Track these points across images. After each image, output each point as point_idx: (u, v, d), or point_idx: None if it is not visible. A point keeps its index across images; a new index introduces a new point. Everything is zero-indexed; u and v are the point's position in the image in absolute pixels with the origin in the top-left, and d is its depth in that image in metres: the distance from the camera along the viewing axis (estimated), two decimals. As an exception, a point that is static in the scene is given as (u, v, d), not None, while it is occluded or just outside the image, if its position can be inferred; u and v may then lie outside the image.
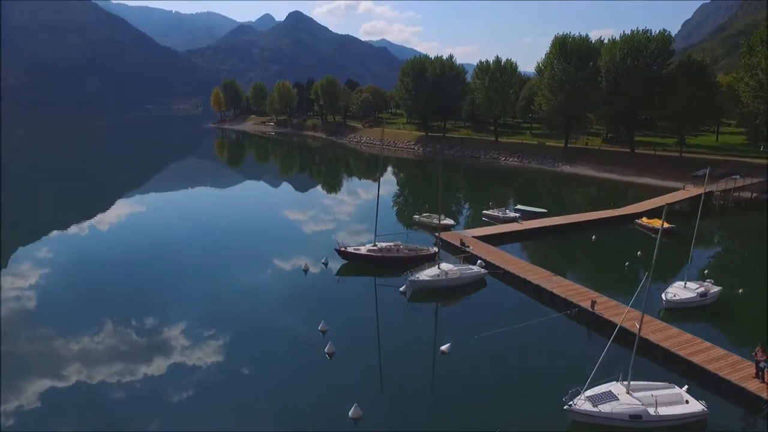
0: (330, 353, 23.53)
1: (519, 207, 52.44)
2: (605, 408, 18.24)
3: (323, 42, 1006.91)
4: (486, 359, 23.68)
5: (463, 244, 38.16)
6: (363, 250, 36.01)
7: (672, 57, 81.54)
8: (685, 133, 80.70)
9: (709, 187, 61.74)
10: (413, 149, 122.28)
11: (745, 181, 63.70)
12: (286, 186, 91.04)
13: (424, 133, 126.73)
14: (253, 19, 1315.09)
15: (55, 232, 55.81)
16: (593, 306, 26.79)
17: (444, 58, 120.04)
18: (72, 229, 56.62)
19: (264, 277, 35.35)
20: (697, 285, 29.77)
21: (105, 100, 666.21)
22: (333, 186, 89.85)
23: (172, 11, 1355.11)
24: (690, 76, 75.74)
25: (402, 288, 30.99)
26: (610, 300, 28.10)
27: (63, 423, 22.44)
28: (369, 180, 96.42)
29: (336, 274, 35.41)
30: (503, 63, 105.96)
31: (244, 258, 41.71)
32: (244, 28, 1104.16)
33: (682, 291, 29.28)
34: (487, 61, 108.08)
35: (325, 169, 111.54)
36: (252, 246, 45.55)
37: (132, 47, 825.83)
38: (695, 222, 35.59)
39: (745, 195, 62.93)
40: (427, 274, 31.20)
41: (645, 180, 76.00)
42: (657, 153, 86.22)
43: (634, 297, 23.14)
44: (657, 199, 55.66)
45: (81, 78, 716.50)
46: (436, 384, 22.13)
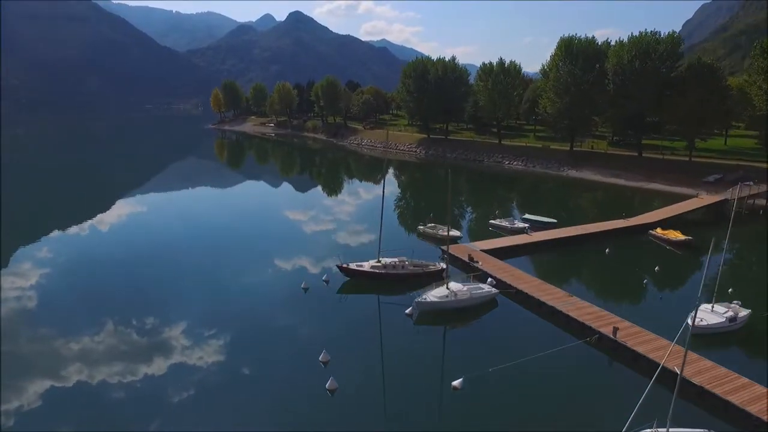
0: (332, 390, 21.55)
1: (527, 216, 50.43)
2: None
3: (324, 42, 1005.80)
4: (502, 397, 21.69)
5: (472, 259, 36.18)
6: (366, 266, 34.01)
7: (681, 59, 79.50)
8: (695, 137, 78.70)
9: (724, 195, 60.01)
10: (415, 152, 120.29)
11: (760, 188, 61.60)
12: (285, 189, 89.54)
13: (425, 136, 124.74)
14: (254, 19, 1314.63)
15: (56, 232, 55.99)
16: (615, 333, 24.81)
17: (446, 59, 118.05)
18: (72, 229, 56.91)
19: (263, 292, 33.37)
20: (725, 308, 27.67)
21: (105, 100, 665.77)
22: (334, 189, 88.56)
23: (172, 11, 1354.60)
24: (700, 78, 73.79)
25: (408, 310, 29.00)
26: (632, 325, 26.08)
27: (63, 423, 22.52)
28: (370, 182, 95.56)
29: (338, 292, 33.41)
30: (507, 65, 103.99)
31: (244, 259, 41.89)
32: (244, 28, 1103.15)
33: (709, 315, 27.21)
34: (491, 63, 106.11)
35: (326, 172, 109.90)
36: (252, 248, 45.38)
37: (132, 47, 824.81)
38: (711, 233, 33.60)
39: (760, 203, 60.77)
40: (435, 295, 29.21)
41: (654, 186, 74.00)
42: (665, 157, 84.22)
43: (657, 321, 21.32)
44: (670, 208, 53.64)
45: (81, 78, 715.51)
46: (447, 425, 20.15)
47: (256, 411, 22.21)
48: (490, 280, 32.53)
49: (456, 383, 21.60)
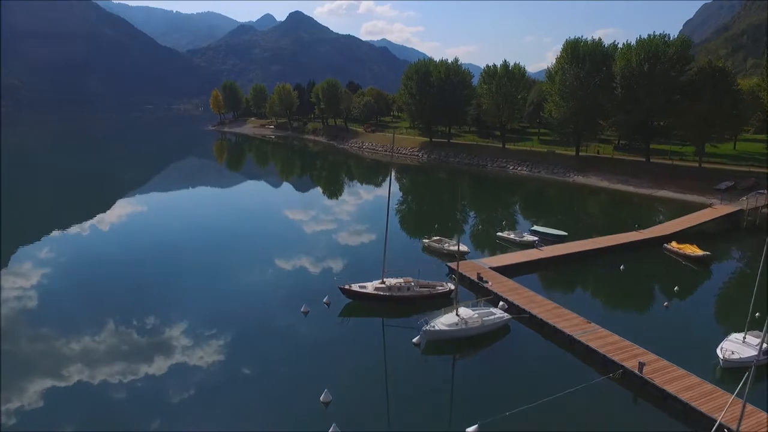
0: (333, 439, 19.68)
1: (536, 229, 48.41)
2: None
3: (324, 42, 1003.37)
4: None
5: (481, 278, 34.25)
6: (369, 288, 32.06)
7: (691, 62, 77.48)
8: (706, 142, 76.75)
9: (738, 205, 58.02)
10: (417, 156, 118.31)
11: (774, 197, 59.63)
12: (285, 193, 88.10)
13: (428, 139, 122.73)
14: (254, 19, 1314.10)
15: (56, 231, 56.44)
16: (641, 369, 22.86)
17: (449, 61, 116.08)
18: (73, 229, 57.39)
19: (261, 318, 31.36)
20: (757, 338, 25.60)
21: (106, 100, 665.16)
22: (335, 192, 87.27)
23: (173, 11, 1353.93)
24: (712, 82, 71.81)
25: (415, 339, 27.06)
26: (657, 359, 24.10)
27: (64, 423, 22.50)
28: (372, 185, 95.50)
29: (340, 315, 31.51)
30: (511, 67, 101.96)
31: (243, 266, 42.09)
32: (244, 28, 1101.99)
33: (741, 347, 25.13)
34: (494, 65, 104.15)
35: (327, 174, 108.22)
36: (251, 256, 45.02)
37: (133, 47, 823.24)
38: (727, 245, 31.72)
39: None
40: (444, 322, 27.26)
41: (664, 193, 72.03)
42: (674, 163, 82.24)
43: (683, 351, 19.35)
44: (684, 219, 51.63)
45: (81, 78, 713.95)
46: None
47: (256, 411, 22.80)
48: (501, 303, 30.60)
49: (471, 430, 19.67)
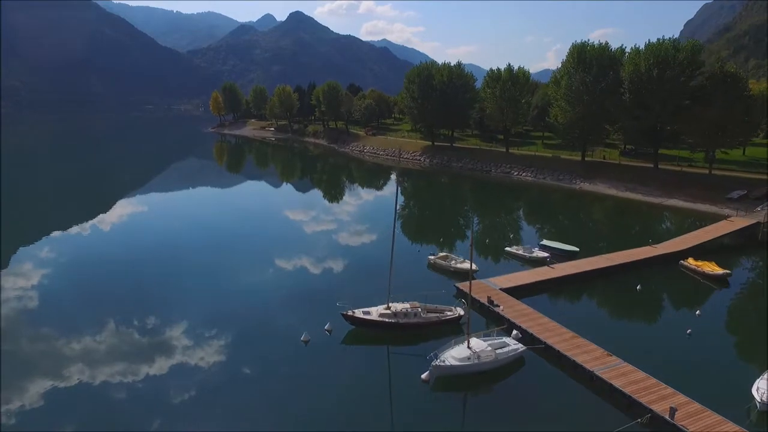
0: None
1: (546, 243, 46.52)
2: None
3: (324, 42, 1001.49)
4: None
5: (492, 302, 32.40)
6: (374, 314, 30.19)
7: (702, 67, 75.53)
8: (717, 148, 74.88)
9: (754, 216, 56.13)
10: (419, 160, 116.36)
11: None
12: (285, 199, 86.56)
13: (430, 143, 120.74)
14: (254, 19, 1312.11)
15: (57, 232, 56.64)
16: (673, 414, 20.97)
17: (452, 64, 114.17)
18: (73, 229, 57.77)
19: (259, 348, 29.50)
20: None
21: (106, 100, 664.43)
22: (337, 197, 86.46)
23: (173, 11, 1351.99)
24: (723, 88, 69.90)
25: (424, 375, 25.16)
26: (689, 401, 22.17)
27: (65, 423, 22.57)
28: (374, 190, 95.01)
29: (342, 342, 29.67)
30: (515, 71, 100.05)
31: (243, 270, 42.82)
32: (245, 28, 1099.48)
33: (778, 387, 23.28)
34: (498, 69, 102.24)
35: (328, 178, 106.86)
36: (252, 262, 45.37)
37: (133, 47, 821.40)
38: (748, 264, 29.91)
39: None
40: (455, 356, 25.37)
41: (674, 202, 70.10)
42: (683, 169, 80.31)
43: (713, 389, 17.36)
44: (700, 233, 49.70)
45: (82, 78, 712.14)
46: None
47: (256, 411, 23.22)
48: (515, 332, 28.72)
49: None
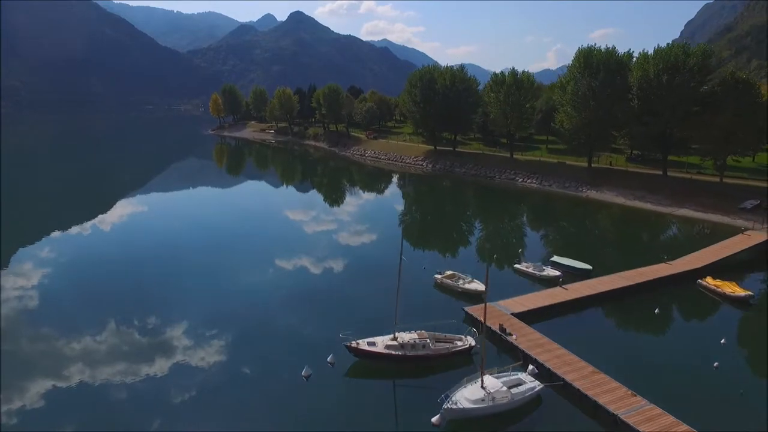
0: None
1: (557, 260, 44.67)
2: None
3: (325, 42, 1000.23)
4: None
5: (504, 330, 30.59)
6: (380, 345, 28.36)
7: (712, 73, 73.69)
8: (728, 155, 73.08)
9: (770, 230, 54.25)
10: (421, 165, 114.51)
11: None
12: (285, 206, 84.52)
13: (432, 147, 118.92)
14: (255, 19, 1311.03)
15: (57, 232, 57.06)
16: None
17: (454, 68, 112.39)
18: (73, 230, 58.16)
19: (257, 385, 27.71)
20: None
21: (106, 100, 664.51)
22: (338, 203, 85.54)
23: (173, 11, 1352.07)
24: (735, 94, 68.09)
25: (435, 419, 23.29)
26: (725, 452, 20.45)
27: (65, 423, 22.59)
28: (378, 199, 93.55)
29: (346, 375, 27.88)
30: (520, 75, 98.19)
31: (245, 263, 44.83)
32: (245, 28, 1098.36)
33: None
34: (502, 73, 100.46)
35: (329, 181, 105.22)
36: (254, 259, 46.50)
37: (133, 47, 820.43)
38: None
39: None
40: (468, 397, 23.52)
41: (685, 212, 68.24)
42: (692, 177, 78.50)
43: None
44: (716, 249, 47.79)
45: (82, 78, 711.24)
46: None
47: (256, 412, 23.76)
48: (531, 368, 26.89)
49: None
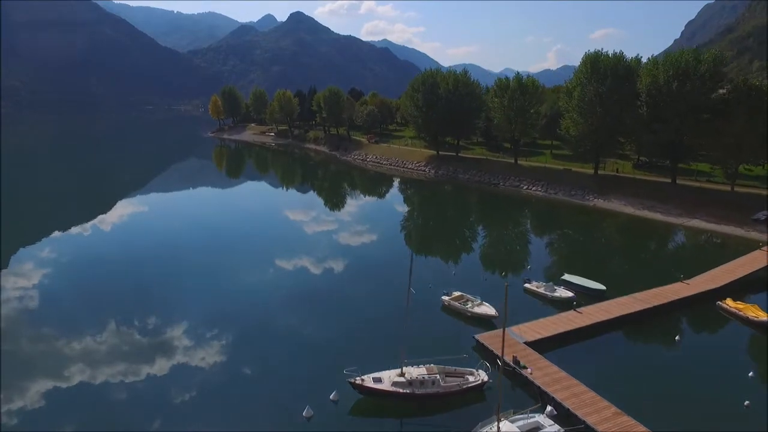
0: None
1: (568, 279, 42.78)
2: None
3: (325, 43, 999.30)
4: None
5: (518, 362, 28.73)
6: (386, 382, 26.49)
7: (724, 80, 71.88)
8: (741, 164, 71.30)
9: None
10: (424, 171, 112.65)
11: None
12: (289, 201, 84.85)
13: (435, 153, 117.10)
14: (255, 20, 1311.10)
15: (57, 232, 57.30)
16: None
17: (457, 72, 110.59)
18: (74, 230, 58.56)
19: (258, 425, 25.86)
20: None
21: (106, 100, 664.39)
22: (338, 204, 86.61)
23: (173, 11, 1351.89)
24: (748, 102, 66.25)
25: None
26: None
27: (65, 423, 22.59)
28: (375, 197, 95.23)
29: (349, 414, 26.03)
30: (524, 80, 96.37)
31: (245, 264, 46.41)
32: (245, 28, 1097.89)
33: None
34: (507, 78, 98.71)
35: (330, 186, 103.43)
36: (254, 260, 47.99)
37: (133, 47, 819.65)
38: None
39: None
40: (485, 447, 21.73)
41: (696, 223, 66.41)
42: (702, 186, 76.67)
43: None
44: (733, 266, 45.91)
45: (82, 78, 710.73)
46: None
47: (257, 412, 24.31)
48: (549, 409, 25.03)
49: None
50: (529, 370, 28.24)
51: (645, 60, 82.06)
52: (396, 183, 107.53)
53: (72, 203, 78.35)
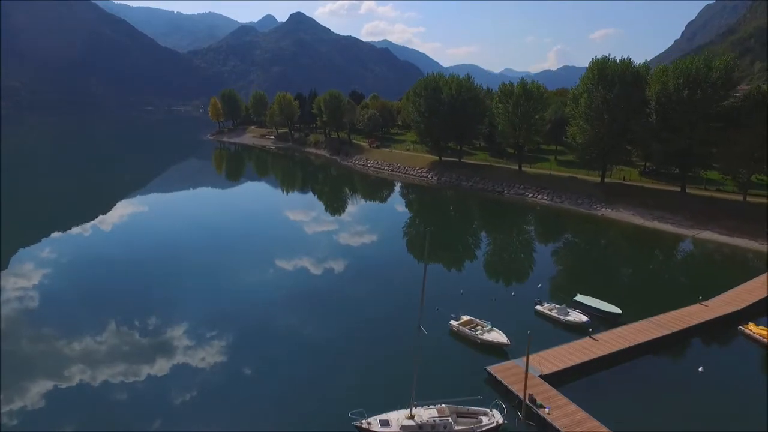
0: None
1: (580, 300, 40.92)
2: None
3: (325, 43, 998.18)
4: None
5: (534, 400, 26.90)
6: (394, 424, 24.61)
7: (735, 88, 70.11)
8: (754, 174, 69.50)
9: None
10: (426, 177, 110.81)
11: None
12: (290, 203, 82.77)
13: (437, 158, 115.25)
14: (255, 20, 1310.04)
15: (57, 232, 57.16)
16: None
17: (460, 77, 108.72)
18: (74, 230, 58.46)
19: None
20: None
21: (106, 101, 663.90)
22: (338, 207, 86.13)
23: (173, 12, 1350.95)
24: (760, 109, 64.48)
25: None
26: None
27: (66, 423, 22.56)
28: (376, 201, 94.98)
29: (355, 458, 24.32)
30: (529, 85, 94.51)
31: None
32: (245, 28, 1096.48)
33: None
34: (511, 84, 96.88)
35: (330, 189, 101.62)
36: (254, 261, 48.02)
37: (133, 48, 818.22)
38: None
39: None
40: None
41: (708, 235, 64.55)
42: (712, 195, 74.87)
43: None
44: (752, 286, 44.00)
45: (82, 79, 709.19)
46: None
47: (257, 412, 24.05)
48: (571, 458, 23.26)
49: None
50: (547, 409, 26.40)
51: (646, 61, 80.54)
52: (398, 189, 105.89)
53: (72, 203, 78.42)
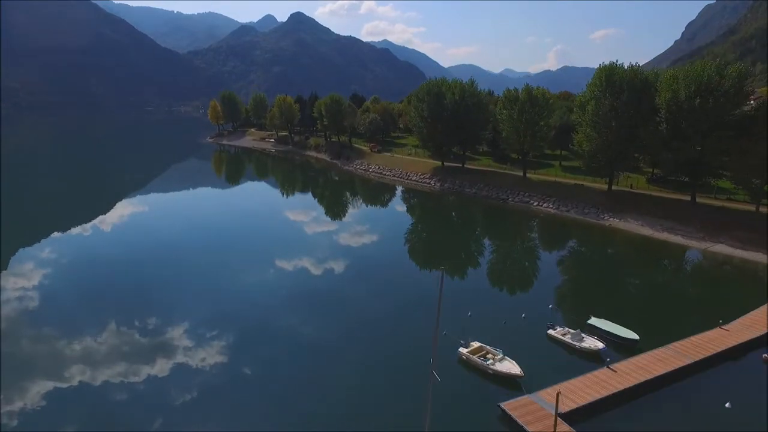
0: None
1: (595, 323, 39.04)
2: None
3: (325, 43, 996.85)
4: None
5: (553, 444, 25.09)
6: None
7: (748, 96, 68.28)
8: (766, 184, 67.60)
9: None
10: (429, 183, 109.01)
11: None
12: (291, 204, 79.50)
13: (440, 164, 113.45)
14: (255, 20, 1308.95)
15: (57, 233, 57.12)
16: None
17: (464, 82, 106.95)
18: (74, 230, 58.42)
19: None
20: None
21: (105, 101, 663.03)
22: (339, 212, 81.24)
23: (173, 11, 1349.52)
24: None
25: None
26: None
27: (66, 423, 22.62)
28: (377, 205, 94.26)
29: None
30: (534, 91, 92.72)
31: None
32: (245, 28, 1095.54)
33: None
34: (516, 90, 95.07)
35: (331, 194, 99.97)
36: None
37: (133, 48, 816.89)
38: None
39: None
40: None
41: (720, 248, 62.70)
42: (724, 204, 73.06)
43: None
44: (772, 308, 42.32)
45: (81, 79, 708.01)
46: None
47: (257, 412, 23.86)
48: None
49: None
50: (568, 455, 24.59)
51: (646, 62, 78.60)
52: (399, 195, 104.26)
53: (72, 203, 78.55)
